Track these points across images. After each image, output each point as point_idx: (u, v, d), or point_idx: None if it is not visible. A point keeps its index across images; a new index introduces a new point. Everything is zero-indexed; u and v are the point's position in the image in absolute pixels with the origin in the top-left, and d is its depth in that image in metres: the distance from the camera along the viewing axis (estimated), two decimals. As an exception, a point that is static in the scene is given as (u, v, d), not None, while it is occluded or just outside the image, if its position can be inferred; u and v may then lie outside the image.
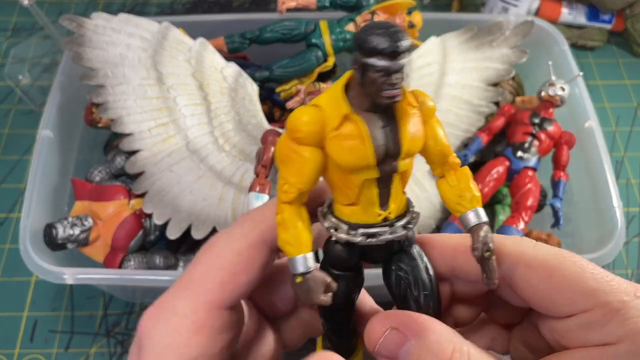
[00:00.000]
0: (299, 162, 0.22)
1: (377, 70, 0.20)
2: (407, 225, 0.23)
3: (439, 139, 0.23)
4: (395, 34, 0.19)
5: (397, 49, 0.19)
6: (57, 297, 0.63)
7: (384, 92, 0.20)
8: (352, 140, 0.21)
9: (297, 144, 0.21)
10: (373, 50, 0.19)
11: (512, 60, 0.63)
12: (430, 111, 0.22)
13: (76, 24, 0.58)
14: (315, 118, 0.21)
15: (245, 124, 0.58)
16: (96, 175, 0.60)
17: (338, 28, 0.63)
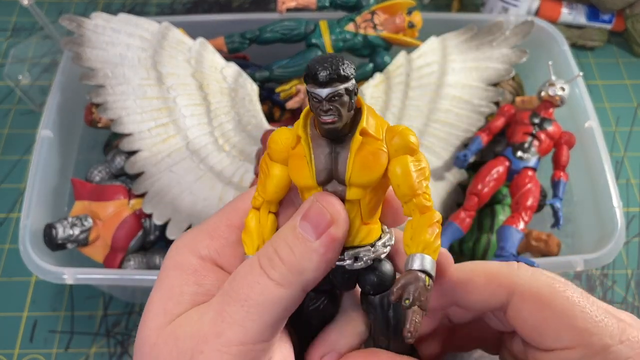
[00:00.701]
0: (265, 176, 0.24)
1: (313, 97, 0.21)
2: (359, 256, 0.23)
3: (403, 178, 0.22)
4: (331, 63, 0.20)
5: (327, 78, 0.20)
6: (57, 297, 0.63)
7: (320, 118, 0.21)
8: (300, 159, 0.22)
9: (269, 158, 0.24)
10: (308, 77, 0.21)
11: (512, 60, 0.63)
12: (400, 148, 0.22)
13: (76, 24, 0.58)
14: (283, 138, 0.23)
15: (245, 124, 0.58)
16: (96, 175, 0.60)
17: (338, 28, 0.63)
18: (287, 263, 0.22)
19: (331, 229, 0.22)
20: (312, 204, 0.22)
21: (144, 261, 0.56)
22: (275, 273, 0.22)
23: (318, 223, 0.22)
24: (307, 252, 0.22)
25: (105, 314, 0.62)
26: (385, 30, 0.63)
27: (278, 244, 0.22)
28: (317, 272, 0.22)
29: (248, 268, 0.23)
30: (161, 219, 0.55)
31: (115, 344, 0.60)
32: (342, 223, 0.22)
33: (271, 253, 0.22)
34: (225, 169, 0.57)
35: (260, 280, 0.22)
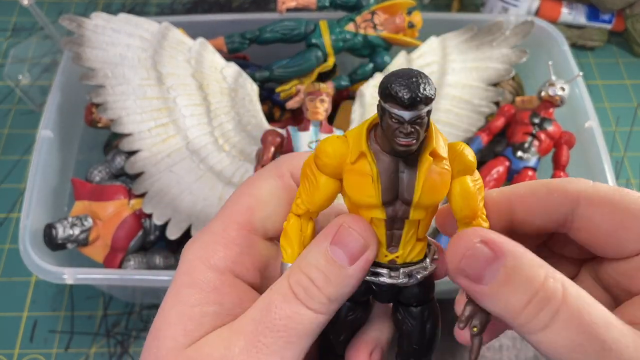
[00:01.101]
0: (313, 186, 0.23)
1: (392, 117, 0.20)
2: (413, 274, 0.23)
3: (466, 199, 0.22)
4: (415, 84, 0.19)
5: (413, 100, 0.19)
6: (57, 297, 0.63)
7: (397, 139, 0.20)
8: (362, 177, 0.21)
9: (317, 169, 0.22)
10: (390, 96, 0.19)
11: (512, 60, 0.63)
12: (465, 166, 0.22)
13: (76, 24, 0.58)
14: (337, 151, 0.22)
15: (245, 124, 0.58)
16: (96, 175, 0.60)
17: (338, 28, 0.63)
18: (324, 292, 0.22)
19: (367, 254, 0.22)
20: (340, 228, 0.22)
21: (144, 261, 0.56)
22: (313, 303, 0.22)
23: (352, 249, 0.22)
24: (344, 278, 0.22)
25: (105, 314, 0.62)
26: (385, 30, 0.63)
27: (311, 271, 0.22)
28: (351, 294, 0.22)
29: (282, 297, 0.22)
30: (161, 219, 0.55)
31: (115, 344, 0.60)
32: (375, 245, 0.22)
33: (305, 281, 0.22)
34: (225, 169, 0.57)
35: (299, 310, 0.21)
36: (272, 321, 0.21)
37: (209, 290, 0.23)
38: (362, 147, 0.21)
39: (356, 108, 0.59)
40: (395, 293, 0.24)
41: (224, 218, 0.24)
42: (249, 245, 0.24)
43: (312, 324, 0.22)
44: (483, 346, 0.23)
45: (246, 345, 0.21)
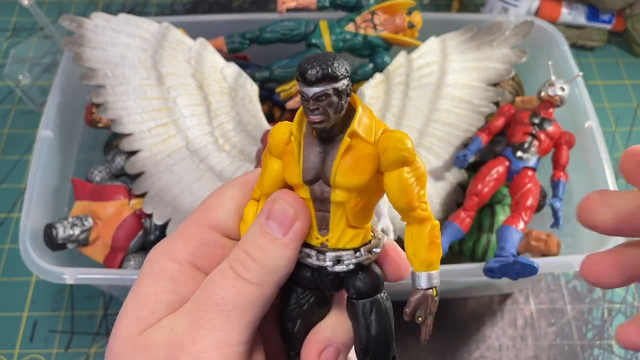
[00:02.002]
0: (264, 169, 0.24)
1: (302, 95, 0.21)
2: (341, 259, 0.23)
3: (402, 193, 0.22)
4: (321, 62, 0.20)
5: (314, 76, 0.20)
6: (57, 297, 0.63)
7: (308, 117, 0.21)
8: (290, 156, 0.22)
9: (269, 152, 0.24)
10: (298, 75, 0.21)
11: (512, 60, 0.63)
12: (397, 157, 0.21)
13: (76, 24, 0.58)
14: (280, 133, 0.23)
15: (245, 124, 0.58)
16: (96, 175, 0.60)
17: (338, 28, 0.63)
18: (260, 263, 0.22)
19: (298, 223, 0.23)
20: (273, 202, 0.23)
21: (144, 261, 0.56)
22: (250, 274, 0.22)
23: (282, 220, 0.23)
24: (279, 249, 0.23)
25: (105, 314, 0.62)
26: (385, 31, 0.63)
27: (248, 246, 0.23)
28: (288, 266, 0.23)
29: (220, 274, 0.23)
30: (161, 219, 0.55)
31: (116, 344, 0.60)
32: (305, 216, 0.23)
33: (243, 256, 0.23)
34: (225, 169, 0.57)
35: (236, 283, 0.22)
36: (211, 297, 0.22)
37: (165, 279, 0.24)
38: (292, 129, 0.22)
39: (356, 108, 0.59)
40: (335, 280, 0.24)
41: (189, 219, 0.25)
42: (209, 240, 0.25)
43: (251, 297, 0.22)
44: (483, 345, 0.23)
45: (189, 323, 0.22)
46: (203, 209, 0.25)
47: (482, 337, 0.61)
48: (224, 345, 0.21)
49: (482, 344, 0.61)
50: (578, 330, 0.63)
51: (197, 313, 0.22)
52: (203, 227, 0.25)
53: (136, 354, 0.22)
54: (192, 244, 0.24)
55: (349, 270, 0.23)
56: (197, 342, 0.21)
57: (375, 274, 0.24)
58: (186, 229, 0.25)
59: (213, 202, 0.25)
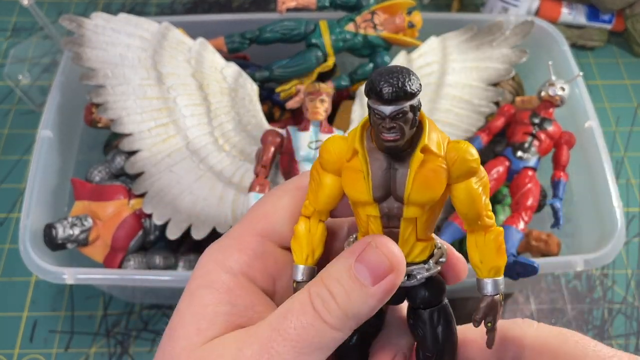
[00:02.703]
0: (317, 185, 0.23)
1: (375, 113, 0.20)
2: (414, 273, 0.23)
3: (472, 203, 0.22)
4: (396, 79, 0.19)
5: (392, 95, 0.19)
6: (57, 297, 0.63)
7: (382, 135, 0.20)
8: (356, 173, 0.21)
9: (321, 168, 0.23)
10: (372, 92, 0.20)
11: (512, 60, 0.63)
12: (467, 168, 0.21)
13: (76, 24, 0.58)
14: (337, 149, 0.22)
15: (245, 124, 0.58)
16: (96, 175, 0.60)
17: (338, 28, 0.63)
18: (342, 308, 0.21)
19: (391, 277, 0.22)
20: (368, 247, 0.22)
21: (144, 261, 0.56)
22: (330, 317, 0.21)
23: (376, 269, 0.21)
24: (365, 297, 0.21)
25: (105, 314, 0.62)
26: (385, 30, 0.63)
27: (332, 285, 0.22)
28: (370, 314, 0.22)
29: (300, 307, 0.22)
30: (161, 218, 0.55)
31: (115, 344, 0.60)
32: (401, 271, 0.22)
33: (326, 295, 0.22)
34: (225, 169, 0.57)
35: (314, 323, 0.21)
36: (287, 330, 0.21)
37: (222, 291, 0.23)
38: (355, 145, 0.21)
39: (356, 108, 0.59)
40: (401, 295, 0.24)
41: (242, 225, 0.25)
42: (263, 250, 0.24)
43: (327, 339, 0.21)
44: None
45: (259, 350, 0.21)
46: (257, 216, 0.25)
47: (482, 337, 0.61)
48: None
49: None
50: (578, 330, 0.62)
51: (269, 342, 0.21)
52: (258, 237, 0.24)
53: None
54: (247, 254, 0.24)
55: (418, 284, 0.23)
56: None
57: (439, 282, 0.24)
58: (240, 237, 0.24)
59: (267, 209, 0.25)
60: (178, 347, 0.22)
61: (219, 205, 0.56)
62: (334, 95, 0.60)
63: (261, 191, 0.51)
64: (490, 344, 0.23)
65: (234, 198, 0.56)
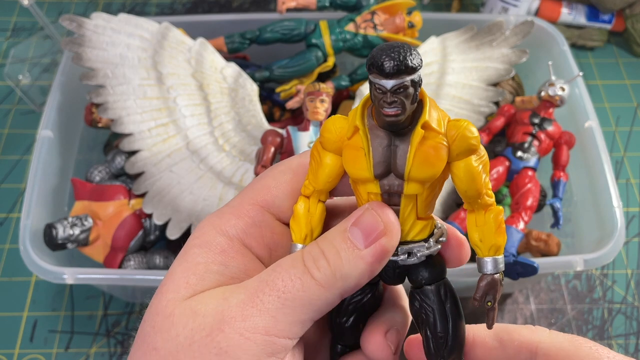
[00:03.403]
0: (317, 164, 0.23)
1: (376, 87, 0.20)
2: (414, 251, 0.23)
3: (472, 180, 0.22)
4: (397, 53, 0.19)
5: (393, 69, 0.19)
6: (57, 297, 0.63)
7: (383, 109, 0.20)
8: (356, 150, 0.21)
9: (321, 147, 0.23)
10: (373, 66, 0.20)
11: (512, 60, 0.63)
12: (468, 145, 0.21)
13: (76, 24, 0.58)
14: (337, 127, 0.22)
15: (245, 124, 0.58)
16: (96, 175, 0.60)
17: (338, 28, 0.63)
18: (332, 266, 0.22)
19: (383, 240, 0.22)
20: (365, 210, 0.22)
21: (144, 261, 0.56)
22: (318, 273, 0.22)
23: (370, 231, 0.22)
24: (355, 259, 0.22)
25: (105, 314, 0.62)
26: (385, 30, 0.63)
27: (326, 245, 0.22)
28: (360, 279, 0.22)
29: (291, 262, 0.22)
30: (161, 218, 0.55)
31: (116, 344, 0.60)
32: (394, 235, 0.22)
33: (317, 253, 0.22)
34: (225, 169, 0.57)
35: (302, 277, 0.22)
36: (274, 281, 0.22)
37: (216, 251, 0.23)
38: (356, 122, 0.21)
39: (356, 108, 0.59)
40: (401, 274, 0.24)
41: (242, 195, 0.25)
42: (261, 219, 0.24)
43: (313, 295, 0.22)
44: None
45: (244, 299, 0.22)
46: (258, 188, 0.25)
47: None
48: (271, 332, 0.21)
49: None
50: (578, 330, 0.62)
51: (256, 292, 0.22)
52: (256, 206, 0.24)
53: (183, 316, 0.22)
54: (244, 220, 0.24)
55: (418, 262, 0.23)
56: (246, 320, 0.21)
57: (440, 261, 0.24)
58: (239, 205, 0.25)
59: (268, 182, 0.25)
60: (164, 300, 0.22)
61: (219, 205, 0.56)
62: (334, 95, 0.60)
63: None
64: (490, 324, 0.24)
65: (234, 198, 0.56)
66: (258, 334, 0.21)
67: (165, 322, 0.22)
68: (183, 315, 0.22)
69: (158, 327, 0.22)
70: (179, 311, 0.22)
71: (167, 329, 0.22)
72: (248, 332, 0.21)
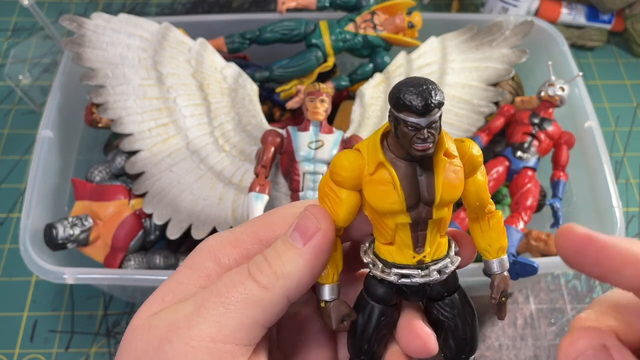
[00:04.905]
0: (335, 202, 0.23)
1: (408, 125, 0.21)
2: (443, 269, 0.24)
3: (480, 193, 0.23)
4: (426, 91, 0.20)
5: (427, 107, 0.20)
6: (57, 297, 0.63)
7: (415, 145, 0.21)
8: (384, 186, 0.22)
9: (336, 185, 0.23)
10: (404, 106, 0.20)
11: (512, 60, 0.63)
12: (476, 164, 0.23)
13: (76, 24, 0.58)
14: (354, 164, 0.22)
15: (245, 124, 0.58)
16: (96, 175, 0.60)
17: (338, 28, 0.63)
18: (272, 266, 0.23)
19: (318, 235, 0.23)
20: (301, 213, 0.23)
21: (144, 261, 0.56)
22: (261, 277, 0.22)
23: (306, 230, 0.23)
24: (295, 256, 0.23)
25: (105, 314, 0.62)
26: (385, 31, 0.63)
27: (269, 252, 0.23)
28: (301, 277, 0.23)
29: (236, 271, 0.23)
30: (161, 218, 0.55)
31: (116, 344, 0.60)
32: (328, 231, 0.23)
33: (260, 259, 0.23)
34: (225, 169, 0.57)
35: (245, 281, 0.22)
36: (219, 289, 0.22)
37: (201, 275, 0.24)
38: (379, 158, 0.22)
39: (356, 108, 0.59)
40: (424, 290, 0.25)
41: (247, 225, 0.26)
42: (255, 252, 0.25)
43: (254, 297, 0.22)
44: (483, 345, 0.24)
45: (192, 309, 0.22)
46: (263, 223, 0.25)
47: (481, 336, 0.61)
48: (217, 339, 0.22)
49: (482, 343, 0.61)
50: (578, 330, 0.63)
51: (202, 301, 0.22)
52: (256, 240, 0.25)
53: (142, 329, 0.22)
54: (239, 251, 0.25)
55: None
56: (192, 329, 0.22)
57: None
58: (240, 235, 0.25)
59: (274, 219, 0.25)
60: (136, 317, 0.23)
61: (219, 205, 0.56)
62: (334, 95, 0.60)
63: (261, 191, 0.51)
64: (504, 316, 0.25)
65: (234, 198, 0.56)
66: (203, 342, 0.21)
67: (128, 336, 0.23)
68: (142, 329, 0.23)
69: (125, 341, 0.23)
70: (141, 326, 0.23)
71: (129, 343, 0.23)
72: (193, 340, 0.21)
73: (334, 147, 0.53)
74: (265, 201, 0.51)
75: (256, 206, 0.51)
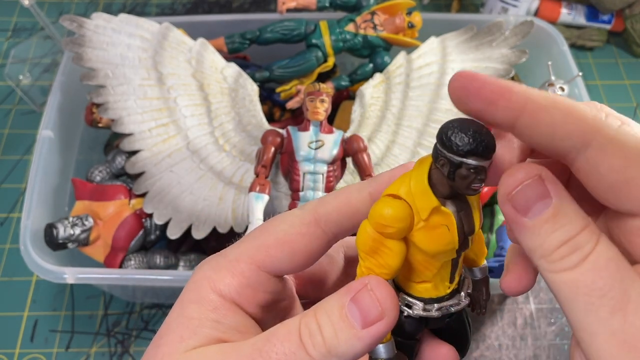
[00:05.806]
0: (387, 255, 0.22)
1: (471, 168, 0.21)
2: (468, 291, 0.25)
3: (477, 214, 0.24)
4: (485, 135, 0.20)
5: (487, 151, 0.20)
6: (58, 297, 0.63)
7: (473, 185, 0.21)
8: (439, 229, 0.22)
9: (385, 237, 0.22)
10: (469, 152, 0.20)
11: (511, 61, 0.63)
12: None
13: (76, 24, 0.58)
14: (404, 214, 0.22)
15: (246, 124, 0.58)
16: (97, 175, 0.60)
17: (338, 28, 0.63)
18: (328, 344, 0.21)
19: (380, 324, 0.21)
20: (364, 289, 0.22)
21: (145, 261, 0.56)
22: (314, 351, 0.21)
23: (367, 313, 0.21)
24: (352, 339, 0.21)
25: (105, 314, 0.62)
26: (385, 31, 0.63)
27: (322, 319, 0.22)
28: (355, 357, 0.22)
29: (286, 332, 0.22)
30: (162, 218, 0.55)
31: (116, 344, 0.60)
32: (392, 320, 0.22)
33: (314, 327, 0.22)
34: (225, 169, 0.57)
35: (297, 352, 0.21)
36: (268, 352, 0.21)
37: (209, 308, 0.24)
38: (434, 203, 0.22)
39: (356, 108, 0.59)
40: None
41: (240, 248, 0.25)
42: (255, 280, 0.24)
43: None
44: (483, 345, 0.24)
45: None
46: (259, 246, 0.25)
47: (481, 336, 0.61)
48: None
49: (482, 343, 0.61)
50: (578, 330, 0.63)
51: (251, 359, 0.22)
52: (253, 266, 0.24)
53: None
54: (238, 280, 0.24)
55: None
56: None
57: None
58: (235, 261, 0.24)
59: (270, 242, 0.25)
60: (160, 353, 0.23)
61: (219, 205, 0.56)
62: (334, 96, 0.60)
63: (261, 191, 0.52)
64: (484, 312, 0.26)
65: (234, 198, 0.56)
66: None
67: None
68: None
69: None
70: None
71: None
72: None
73: (334, 147, 0.53)
74: (265, 201, 0.51)
75: (256, 206, 0.51)
